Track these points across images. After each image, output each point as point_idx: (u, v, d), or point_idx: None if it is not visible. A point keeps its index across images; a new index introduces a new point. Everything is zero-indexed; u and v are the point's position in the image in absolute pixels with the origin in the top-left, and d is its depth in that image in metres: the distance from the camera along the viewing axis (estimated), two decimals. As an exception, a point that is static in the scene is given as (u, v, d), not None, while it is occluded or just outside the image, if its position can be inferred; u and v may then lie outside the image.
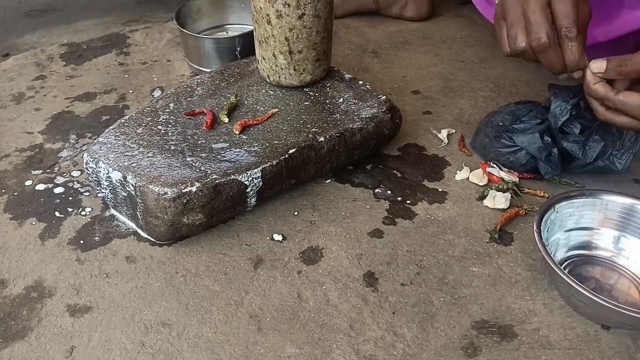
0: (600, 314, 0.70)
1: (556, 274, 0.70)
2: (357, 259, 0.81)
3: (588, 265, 0.79)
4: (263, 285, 0.77)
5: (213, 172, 0.81)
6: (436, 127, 1.06)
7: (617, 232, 0.80)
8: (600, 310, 0.68)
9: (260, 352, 0.69)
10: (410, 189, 0.93)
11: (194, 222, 0.80)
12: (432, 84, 1.19)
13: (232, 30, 1.32)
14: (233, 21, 1.33)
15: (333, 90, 0.99)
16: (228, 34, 1.29)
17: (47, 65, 1.27)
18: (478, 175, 0.92)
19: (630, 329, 0.70)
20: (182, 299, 0.75)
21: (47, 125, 1.08)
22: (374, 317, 0.73)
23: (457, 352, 0.69)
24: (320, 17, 0.92)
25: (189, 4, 1.27)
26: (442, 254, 0.81)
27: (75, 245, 0.83)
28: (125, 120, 0.91)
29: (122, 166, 0.81)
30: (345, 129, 0.90)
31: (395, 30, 1.41)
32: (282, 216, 0.88)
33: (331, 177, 0.95)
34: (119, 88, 1.19)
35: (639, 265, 0.78)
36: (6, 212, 0.89)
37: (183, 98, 0.96)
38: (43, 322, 0.73)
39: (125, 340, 0.71)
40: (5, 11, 1.58)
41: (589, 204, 0.80)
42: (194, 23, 1.28)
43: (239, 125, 0.89)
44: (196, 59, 1.20)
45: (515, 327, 0.72)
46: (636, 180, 0.94)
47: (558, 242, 0.79)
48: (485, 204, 0.89)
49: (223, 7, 1.32)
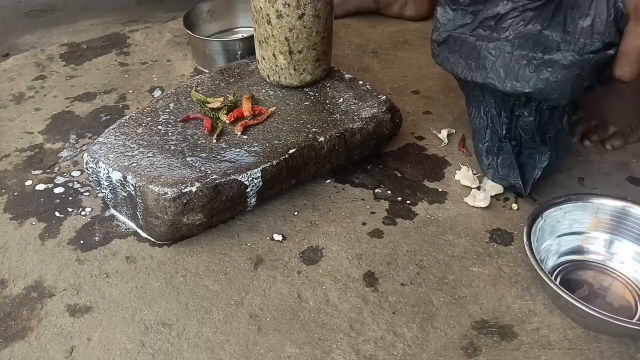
0: (597, 327, 0.70)
1: (550, 288, 0.70)
2: (357, 259, 0.81)
3: (580, 270, 0.79)
4: (263, 285, 0.77)
5: (213, 172, 0.81)
6: (436, 127, 1.06)
7: (609, 235, 0.80)
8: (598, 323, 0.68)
9: (260, 352, 0.69)
10: (410, 189, 0.93)
11: (194, 222, 0.80)
12: (432, 84, 1.19)
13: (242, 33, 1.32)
14: (241, 24, 1.33)
15: (333, 90, 0.99)
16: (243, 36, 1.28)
17: (47, 65, 1.27)
18: (469, 178, 0.92)
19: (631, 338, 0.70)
20: (182, 299, 0.75)
21: (47, 125, 1.08)
22: (374, 317, 0.73)
23: (457, 352, 0.69)
24: (320, 17, 0.92)
25: (199, 6, 1.27)
26: (442, 254, 0.81)
27: (75, 245, 0.83)
28: (125, 120, 0.91)
29: (122, 166, 0.81)
30: (345, 129, 0.90)
31: (395, 30, 1.41)
32: (282, 216, 0.88)
33: (331, 177, 0.95)
34: (119, 88, 1.19)
35: (632, 268, 0.78)
36: (6, 212, 0.89)
37: (183, 98, 0.96)
38: (43, 322, 0.73)
39: (125, 340, 0.71)
40: (5, 11, 1.58)
41: (578, 208, 0.80)
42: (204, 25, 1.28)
43: (240, 126, 0.89)
44: (202, 61, 1.21)
45: (515, 327, 0.72)
46: (631, 178, 0.94)
47: (549, 249, 0.79)
48: (466, 200, 0.89)
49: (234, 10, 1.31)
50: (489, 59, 0.82)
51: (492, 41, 0.81)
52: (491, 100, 0.88)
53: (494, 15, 0.81)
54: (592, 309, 0.66)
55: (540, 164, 0.87)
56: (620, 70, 0.75)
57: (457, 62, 0.86)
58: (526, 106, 0.86)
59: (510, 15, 0.80)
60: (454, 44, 0.86)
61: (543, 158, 0.86)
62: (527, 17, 0.79)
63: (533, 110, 0.86)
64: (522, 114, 0.87)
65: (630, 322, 0.66)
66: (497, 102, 0.88)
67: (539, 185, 0.90)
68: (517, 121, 0.88)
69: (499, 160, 0.89)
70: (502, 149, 0.89)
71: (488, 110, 0.90)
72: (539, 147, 0.87)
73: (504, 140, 0.89)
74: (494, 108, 0.89)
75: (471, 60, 0.84)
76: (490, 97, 0.88)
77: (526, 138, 0.88)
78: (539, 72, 0.78)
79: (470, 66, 0.84)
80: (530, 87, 0.79)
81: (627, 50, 0.73)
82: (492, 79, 0.82)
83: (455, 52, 0.86)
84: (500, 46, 0.80)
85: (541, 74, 0.78)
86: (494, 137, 0.90)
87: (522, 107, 0.87)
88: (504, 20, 0.81)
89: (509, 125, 0.89)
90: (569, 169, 0.95)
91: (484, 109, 0.90)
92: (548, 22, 0.78)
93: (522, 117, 0.88)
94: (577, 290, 0.76)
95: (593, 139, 1.00)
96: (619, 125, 1.00)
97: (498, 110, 0.89)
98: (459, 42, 0.85)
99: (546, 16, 0.78)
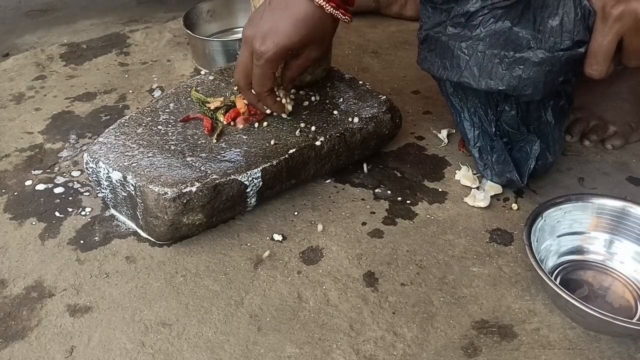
0: (597, 327, 0.70)
1: (550, 288, 0.70)
2: (357, 259, 0.81)
3: (580, 270, 0.79)
4: (263, 285, 0.77)
5: (213, 172, 0.81)
6: (436, 127, 1.06)
7: (609, 235, 0.80)
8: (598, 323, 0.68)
9: (260, 352, 0.69)
10: (410, 189, 0.93)
11: (194, 222, 0.80)
12: (432, 83, 1.18)
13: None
14: (241, 24, 1.33)
15: (333, 90, 0.99)
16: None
17: (47, 65, 1.27)
18: (469, 178, 0.92)
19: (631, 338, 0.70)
20: (182, 299, 0.75)
21: (47, 125, 1.08)
22: (374, 317, 0.73)
23: (457, 352, 0.69)
24: (320, 17, 0.91)
25: (199, 6, 1.27)
26: (442, 254, 0.81)
27: (75, 245, 0.83)
28: (125, 120, 0.91)
29: (122, 166, 0.81)
30: (345, 129, 0.90)
31: (395, 30, 1.41)
32: (282, 216, 0.88)
33: (331, 177, 0.95)
34: (119, 88, 1.19)
35: (632, 268, 0.77)
36: (6, 212, 0.89)
37: (183, 98, 0.96)
38: (43, 322, 0.73)
39: (125, 340, 0.71)
40: (5, 11, 1.58)
41: (578, 208, 0.80)
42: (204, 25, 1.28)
43: (242, 120, 0.89)
44: (202, 61, 1.21)
45: (515, 327, 0.72)
46: (631, 178, 0.94)
47: (549, 249, 0.79)
48: (466, 200, 0.89)
49: (234, 10, 1.32)
50: (462, 58, 0.82)
51: (464, 40, 0.82)
52: (476, 100, 0.89)
53: (464, 12, 0.82)
54: (592, 309, 0.66)
55: (532, 154, 0.87)
56: (590, 68, 0.75)
57: (433, 61, 0.87)
58: (506, 101, 0.87)
59: (480, 13, 0.80)
60: (430, 43, 0.87)
61: (534, 147, 0.87)
62: (496, 15, 0.79)
63: (513, 104, 0.87)
64: (504, 108, 0.88)
65: (630, 322, 0.66)
66: (481, 100, 0.88)
67: (539, 185, 0.90)
68: (501, 116, 0.89)
69: (493, 159, 0.89)
70: (494, 147, 0.89)
71: (475, 111, 0.90)
72: (527, 136, 0.88)
73: (494, 138, 0.89)
74: (480, 108, 0.89)
75: (446, 59, 0.84)
76: (474, 97, 0.89)
77: (513, 131, 0.89)
78: (511, 70, 0.79)
79: (445, 65, 0.85)
80: (504, 85, 0.80)
81: (595, 49, 0.74)
82: (467, 77, 0.82)
83: (432, 51, 0.87)
84: (473, 45, 0.81)
85: (514, 72, 0.78)
86: (484, 136, 0.90)
87: (504, 102, 0.88)
88: (475, 17, 0.81)
89: (497, 122, 0.89)
90: (569, 169, 0.95)
91: (468, 111, 0.90)
92: (518, 20, 0.78)
93: (505, 112, 0.88)
94: (577, 290, 0.75)
95: (593, 139, 1.00)
96: (619, 125, 1.00)
97: (484, 109, 0.89)
98: (434, 41, 0.86)
99: (515, 14, 0.78)
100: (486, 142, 0.90)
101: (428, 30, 0.87)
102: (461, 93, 0.90)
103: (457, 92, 0.90)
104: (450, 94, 0.91)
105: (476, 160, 0.91)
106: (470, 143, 0.91)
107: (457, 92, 0.90)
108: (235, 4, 1.31)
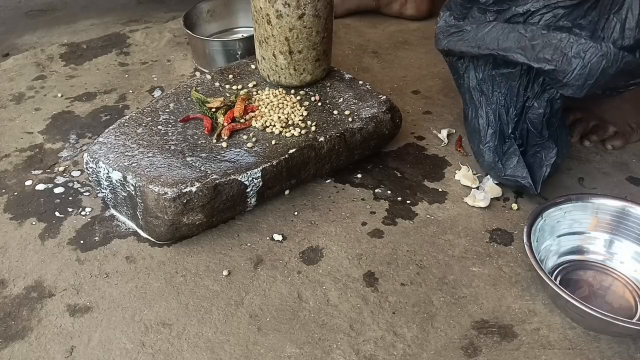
0: (597, 327, 0.70)
1: (550, 288, 0.70)
2: (357, 259, 0.81)
3: (580, 270, 0.79)
4: (263, 285, 0.77)
5: (213, 172, 0.81)
6: (436, 127, 1.06)
7: (609, 235, 0.80)
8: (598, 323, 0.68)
9: (260, 352, 0.69)
10: (410, 189, 0.93)
11: (194, 222, 0.80)
12: (432, 83, 1.19)
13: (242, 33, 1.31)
14: (241, 24, 1.33)
15: (333, 90, 0.99)
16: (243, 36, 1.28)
17: (47, 65, 1.27)
18: (469, 178, 0.92)
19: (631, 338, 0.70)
20: (182, 299, 0.75)
21: (47, 125, 1.08)
22: (374, 317, 0.73)
23: (457, 352, 0.69)
24: (320, 17, 0.92)
25: (199, 6, 1.27)
26: (442, 254, 0.81)
27: (75, 245, 0.83)
28: (125, 120, 0.91)
29: (122, 166, 0.81)
30: (345, 128, 0.90)
31: (395, 30, 1.41)
32: (282, 216, 0.88)
33: (331, 177, 0.95)
34: (119, 88, 1.19)
35: (632, 268, 0.78)
36: (6, 212, 0.89)
37: (183, 98, 0.96)
38: (43, 322, 0.73)
39: (125, 340, 0.71)
40: (5, 11, 1.58)
41: (578, 208, 0.80)
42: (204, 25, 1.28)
43: (227, 130, 0.88)
44: (202, 61, 1.21)
45: (515, 327, 0.72)
46: (631, 178, 0.94)
47: (549, 249, 0.79)
48: (466, 200, 0.89)
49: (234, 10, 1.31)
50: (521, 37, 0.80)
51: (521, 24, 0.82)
52: (501, 96, 0.87)
53: (524, 12, 0.81)
54: (592, 309, 0.66)
55: (547, 161, 0.86)
56: None
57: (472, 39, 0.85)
58: (540, 97, 0.85)
59: (540, 11, 0.79)
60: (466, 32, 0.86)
61: (550, 155, 0.85)
62: (557, 15, 0.78)
63: (544, 102, 0.85)
64: (533, 105, 0.86)
65: (630, 322, 0.66)
66: (511, 92, 0.86)
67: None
68: (527, 114, 0.87)
69: (504, 161, 0.88)
70: (507, 149, 0.88)
71: (495, 108, 0.88)
72: (545, 143, 0.87)
73: (508, 139, 0.88)
74: (504, 105, 0.88)
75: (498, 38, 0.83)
76: (504, 89, 0.87)
77: (533, 133, 0.87)
78: (572, 53, 0.77)
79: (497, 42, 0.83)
80: (559, 67, 0.77)
81: None
82: (520, 52, 0.80)
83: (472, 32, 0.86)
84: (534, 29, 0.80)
85: (574, 57, 0.76)
86: (497, 137, 0.89)
87: (535, 99, 0.86)
88: (534, 16, 0.80)
89: (516, 123, 0.88)
90: (569, 169, 0.95)
91: (487, 106, 0.89)
92: (579, 21, 0.77)
93: (533, 109, 0.86)
94: (577, 290, 0.75)
95: (593, 139, 1.00)
96: (619, 125, 1.00)
97: (507, 106, 0.88)
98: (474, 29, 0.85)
99: (578, 14, 0.77)
100: (498, 142, 0.89)
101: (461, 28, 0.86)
102: (488, 84, 0.88)
103: (485, 82, 0.88)
104: (472, 86, 0.89)
105: (483, 159, 0.90)
106: (482, 141, 0.90)
107: (485, 82, 0.88)
108: (235, 4, 1.31)
